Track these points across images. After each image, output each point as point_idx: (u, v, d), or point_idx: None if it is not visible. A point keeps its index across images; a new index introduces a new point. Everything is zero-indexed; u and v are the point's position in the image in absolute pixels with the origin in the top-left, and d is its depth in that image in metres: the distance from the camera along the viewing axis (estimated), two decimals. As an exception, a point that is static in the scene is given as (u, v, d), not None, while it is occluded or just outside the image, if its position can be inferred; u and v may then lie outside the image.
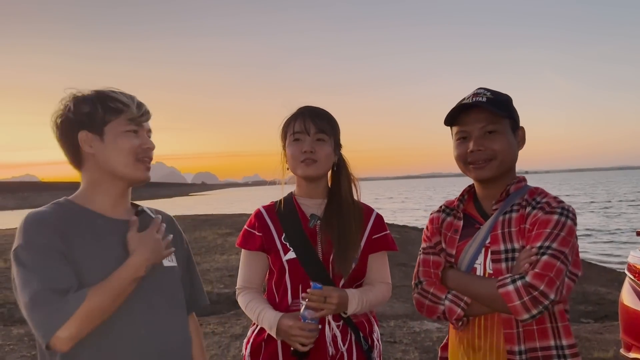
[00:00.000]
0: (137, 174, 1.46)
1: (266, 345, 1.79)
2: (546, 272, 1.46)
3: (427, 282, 1.68)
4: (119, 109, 1.42)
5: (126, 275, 1.35)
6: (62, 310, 1.23)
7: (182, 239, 1.65)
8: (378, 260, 1.87)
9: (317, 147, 1.78)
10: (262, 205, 1.91)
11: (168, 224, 1.59)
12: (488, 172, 1.63)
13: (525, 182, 1.69)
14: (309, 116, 1.80)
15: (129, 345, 1.39)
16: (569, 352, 1.56)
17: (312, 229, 1.81)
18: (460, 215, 1.72)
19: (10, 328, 5.98)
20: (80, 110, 1.41)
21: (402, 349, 4.92)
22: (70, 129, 1.42)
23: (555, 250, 1.48)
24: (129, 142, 1.43)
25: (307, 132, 1.78)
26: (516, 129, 1.67)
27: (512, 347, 1.55)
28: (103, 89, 1.46)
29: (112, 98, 1.43)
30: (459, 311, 1.59)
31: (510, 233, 1.59)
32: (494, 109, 1.60)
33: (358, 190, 1.89)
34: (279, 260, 1.79)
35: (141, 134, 1.46)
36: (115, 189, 1.46)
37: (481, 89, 1.67)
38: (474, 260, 1.62)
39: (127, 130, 1.43)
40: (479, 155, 1.62)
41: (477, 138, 1.62)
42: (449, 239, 1.71)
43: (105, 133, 1.42)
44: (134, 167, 1.44)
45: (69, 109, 1.42)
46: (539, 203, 1.59)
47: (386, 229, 1.90)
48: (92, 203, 1.44)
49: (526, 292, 1.45)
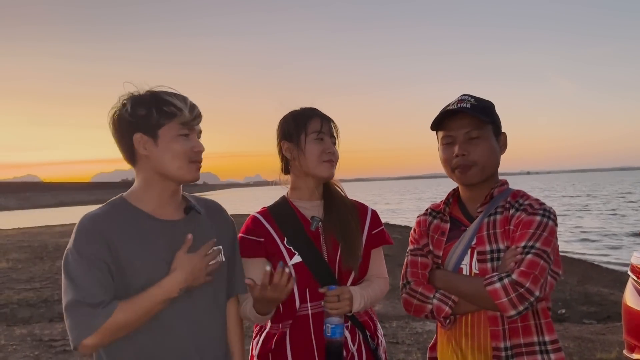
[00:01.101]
0: (190, 175, 1.51)
1: (274, 356, 1.75)
2: (531, 270, 1.53)
3: (415, 282, 1.73)
4: (173, 112, 1.47)
5: (157, 295, 1.42)
6: (90, 323, 1.35)
7: (229, 227, 1.70)
8: (376, 255, 1.90)
9: (333, 148, 1.84)
10: (255, 212, 1.88)
11: (215, 212, 1.67)
12: (472, 177, 1.69)
13: (508, 185, 1.76)
14: (325, 118, 1.83)
15: (169, 342, 1.48)
16: (551, 347, 1.62)
17: (315, 231, 1.80)
18: (446, 218, 1.78)
19: (13, 328, 5.99)
20: (136, 112, 1.46)
21: (405, 349, 4.92)
22: (127, 130, 1.48)
23: (538, 249, 1.55)
24: (181, 146, 1.48)
25: (328, 133, 1.82)
26: (499, 134, 1.74)
27: (498, 344, 1.61)
28: (158, 90, 1.51)
29: (166, 101, 1.47)
30: (447, 309, 1.64)
31: (495, 234, 1.65)
32: (478, 115, 1.66)
33: (343, 190, 1.92)
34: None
35: (192, 137, 1.51)
36: (167, 189, 1.53)
37: (465, 95, 1.73)
38: (460, 261, 1.68)
39: (180, 134, 1.48)
40: (463, 161, 1.68)
41: (462, 143, 1.68)
42: (436, 241, 1.77)
43: (159, 136, 1.47)
44: (188, 169, 1.50)
45: (126, 109, 1.47)
46: (522, 205, 1.66)
47: (382, 224, 1.94)
48: (143, 203, 1.51)
49: (513, 289, 1.52)
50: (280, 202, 1.88)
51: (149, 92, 1.50)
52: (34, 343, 5.32)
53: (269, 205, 1.89)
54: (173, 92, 1.51)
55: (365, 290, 1.77)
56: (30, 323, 6.30)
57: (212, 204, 1.70)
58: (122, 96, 1.50)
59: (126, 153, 1.52)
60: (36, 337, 5.53)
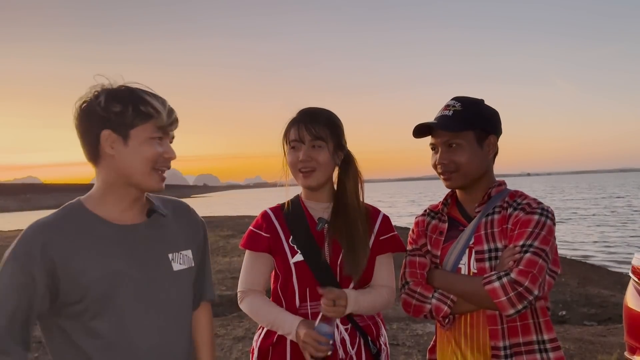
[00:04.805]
0: (151, 184, 1.40)
1: (274, 350, 1.76)
2: (530, 268, 1.53)
3: (414, 283, 1.74)
4: (150, 114, 1.35)
5: None
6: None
7: (199, 229, 1.59)
8: (382, 262, 1.83)
9: (313, 155, 1.75)
10: (269, 207, 1.89)
11: (183, 213, 1.56)
12: (454, 182, 1.72)
13: (505, 185, 1.77)
14: (303, 123, 1.77)
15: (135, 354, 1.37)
16: (550, 345, 1.63)
17: (320, 232, 1.79)
18: (444, 218, 1.79)
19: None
20: (110, 107, 1.33)
21: (405, 351, 4.91)
22: (95, 124, 1.35)
23: (537, 248, 1.56)
24: (153, 150, 1.37)
25: (302, 141, 1.76)
26: (485, 137, 1.72)
27: (497, 343, 1.61)
28: (136, 88, 1.39)
29: (144, 101, 1.36)
30: (446, 309, 1.64)
31: (493, 233, 1.66)
32: (451, 126, 1.68)
33: (363, 191, 1.85)
34: (286, 263, 1.77)
35: (165, 142, 1.41)
36: (128, 195, 1.41)
37: (453, 99, 1.74)
38: (458, 261, 1.69)
39: (153, 136, 1.37)
40: (444, 167, 1.71)
41: (442, 152, 1.72)
42: (434, 241, 1.77)
43: (130, 137, 1.35)
44: (150, 176, 1.39)
45: (99, 102, 1.34)
46: (520, 204, 1.67)
47: (393, 230, 1.88)
48: (101, 208, 1.40)
49: (511, 288, 1.52)
50: (293, 200, 1.88)
51: (126, 88, 1.38)
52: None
53: (283, 202, 1.89)
54: (152, 92, 1.40)
55: (363, 296, 1.74)
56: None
57: (179, 205, 1.58)
58: (93, 87, 1.37)
59: (89, 149, 1.38)
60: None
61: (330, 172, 1.82)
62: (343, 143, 1.84)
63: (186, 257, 1.50)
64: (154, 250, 1.43)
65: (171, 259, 1.46)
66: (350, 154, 1.86)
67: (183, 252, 1.49)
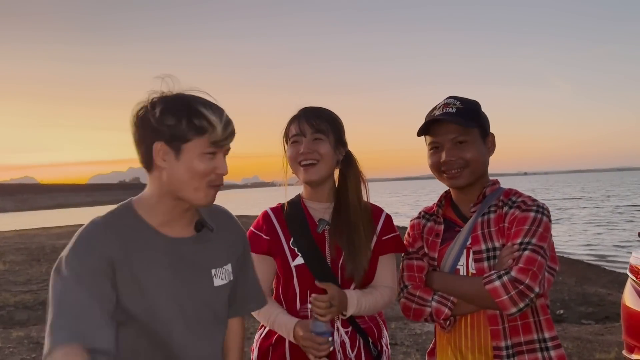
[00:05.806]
0: (201, 200, 1.36)
1: (274, 350, 1.76)
2: (529, 266, 1.52)
3: (413, 286, 1.71)
4: (204, 128, 1.30)
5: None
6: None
7: (240, 241, 1.57)
8: (384, 262, 1.81)
9: (315, 147, 1.74)
10: (269, 207, 1.86)
11: (227, 225, 1.54)
12: (462, 180, 1.69)
13: (499, 184, 1.77)
14: (304, 117, 1.76)
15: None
16: (551, 344, 1.62)
17: (321, 234, 1.78)
18: (440, 220, 1.77)
19: (10, 330, 5.97)
20: (164, 119, 1.29)
21: (404, 351, 4.91)
22: (149, 135, 1.32)
23: (535, 245, 1.55)
24: (205, 166, 1.32)
25: (303, 134, 1.75)
26: (486, 136, 1.73)
27: (499, 343, 1.60)
28: (194, 98, 1.34)
29: (200, 114, 1.30)
30: (446, 311, 1.63)
31: (490, 233, 1.65)
32: (463, 121, 1.66)
33: (367, 190, 1.84)
34: (287, 266, 1.75)
35: (218, 157, 1.35)
36: (178, 206, 1.38)
37: (451, 98, 1.73)
38: (456, 262, 1.68)
39: (207, 152, 1.32)
40: (452, 165, 1.68)
41: (449, 149, 1.68)
42: (431, 243, 1.76)
43: (182, 151, 1.31)
44: (200, 192, 1.34)
45: (154, 113, 1.30)
46: (515, 202, 1.66)
47: (396, 230, 1.86)
48: (152, 216, 1.38)
49: (512, 286, 1.51)
50: (294, 200, 1.85)
51: (182, 98, 1.33)
52: (30, 345, 5.30)
53: (283, 202, 1.86)
54: (209, 103, 1.34)
55: (365, 297, 1.73)
56: (27, 325, 6.29)
57: (223, 216, 1.55)
58: (152, 92, 1.34)
59: (142, 157, 1.36)
60: (33, 340, 5.51)
61: (332, 167, 1.79)
62: (344, 140, 1.83)
63: (226, 272, 1.48)
64: (199, 265, 1.42)
65: (213, 274, 1.45)
66: (351, 153, 1.85)
67: (225, 267, 1.48)
